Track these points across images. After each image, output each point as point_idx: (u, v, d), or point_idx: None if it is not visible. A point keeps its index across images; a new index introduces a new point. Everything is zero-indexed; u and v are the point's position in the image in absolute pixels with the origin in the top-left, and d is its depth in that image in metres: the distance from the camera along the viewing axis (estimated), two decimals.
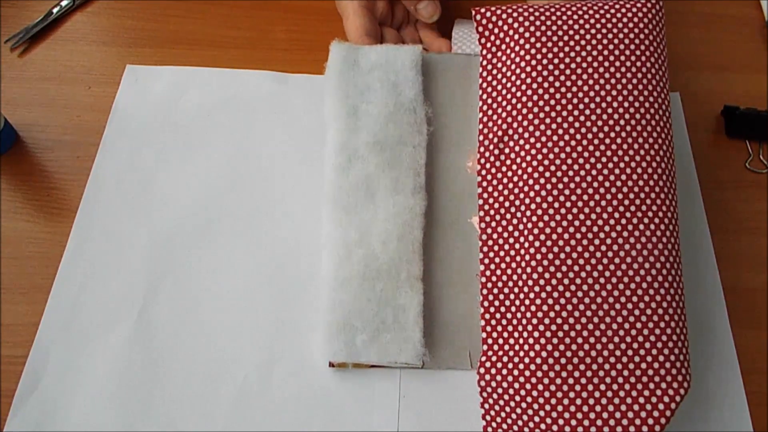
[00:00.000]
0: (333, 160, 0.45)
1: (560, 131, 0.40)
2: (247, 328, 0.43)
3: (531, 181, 0.40)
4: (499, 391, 0.38)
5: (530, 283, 0.38)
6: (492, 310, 0.40)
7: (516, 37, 0.43)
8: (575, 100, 0.40)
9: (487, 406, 0.39)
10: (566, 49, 0.41)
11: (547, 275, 0.38)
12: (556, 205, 0.39)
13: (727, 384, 0.42)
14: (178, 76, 0.53)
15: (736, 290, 0.45)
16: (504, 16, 0.44)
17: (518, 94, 0.42)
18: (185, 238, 0.46)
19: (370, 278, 0.41)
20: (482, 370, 0.39)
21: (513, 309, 0.39)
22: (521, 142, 0.41)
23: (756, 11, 0.59)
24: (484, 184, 0.42)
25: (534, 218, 0.39)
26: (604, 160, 0.39)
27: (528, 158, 0.40)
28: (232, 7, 0.58)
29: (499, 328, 0.40)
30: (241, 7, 0.58)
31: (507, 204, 0.41)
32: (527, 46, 0.42)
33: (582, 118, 0.40)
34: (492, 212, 0.41)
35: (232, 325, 0.43)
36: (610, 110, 0.40)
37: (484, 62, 0.45)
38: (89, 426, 0.40)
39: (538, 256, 0.38)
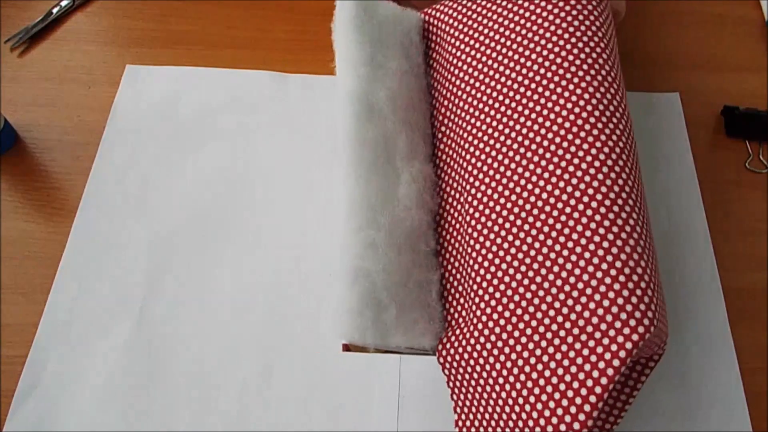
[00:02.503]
0: (351, 109, 0.40)
1: (501, 88, 0.39)
2: (247, 329, 0.43)
3: (472, 149, 0.39)
4: (454, 365, 0.36)
5: (475, 234, 0.36)
6: (452, 280, 0.38)
7: (450, 20, 0.43)
8: (505, 50, 0.40)
9: (451, 384, 0.37)
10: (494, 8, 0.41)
11: (485, 231, 0.36)
12: (500, 155, 0.37)
13: (727, 384, 0.42)
14: (178, 76, 0.53)
15: (736, 290, 0.45)
16: (439, 13, 0.44)
17: (455, 75, 0.42)
18: (185, 238, 0.46)
19: (395, 246, 0.36)
20: (440, 347, 0.37)
21: (461, 271, 0.37)
22: (459, 121, 0.40)
23: (756, 11, 0.59)
24: (441, 173, 0.42)
25: (477, 183, 0.38)
26: (530, 105, 0.37)
27: (471, 122, 0.39)
28: (232, 7, 0.58)
29: (451, 299, 0.38)
30: (241, 7, 0.58)
31: (459, 179, 0.39)
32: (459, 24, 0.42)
33: (512, 64, 0.39)
34: (449, 189, 0.40)
35: (231, 326, 0.43)
36: (539, 48, 0.38)
37: (430, 60, 0.45)
38: (89, 426, 0.40)
39: (482, 207, 0.37)
